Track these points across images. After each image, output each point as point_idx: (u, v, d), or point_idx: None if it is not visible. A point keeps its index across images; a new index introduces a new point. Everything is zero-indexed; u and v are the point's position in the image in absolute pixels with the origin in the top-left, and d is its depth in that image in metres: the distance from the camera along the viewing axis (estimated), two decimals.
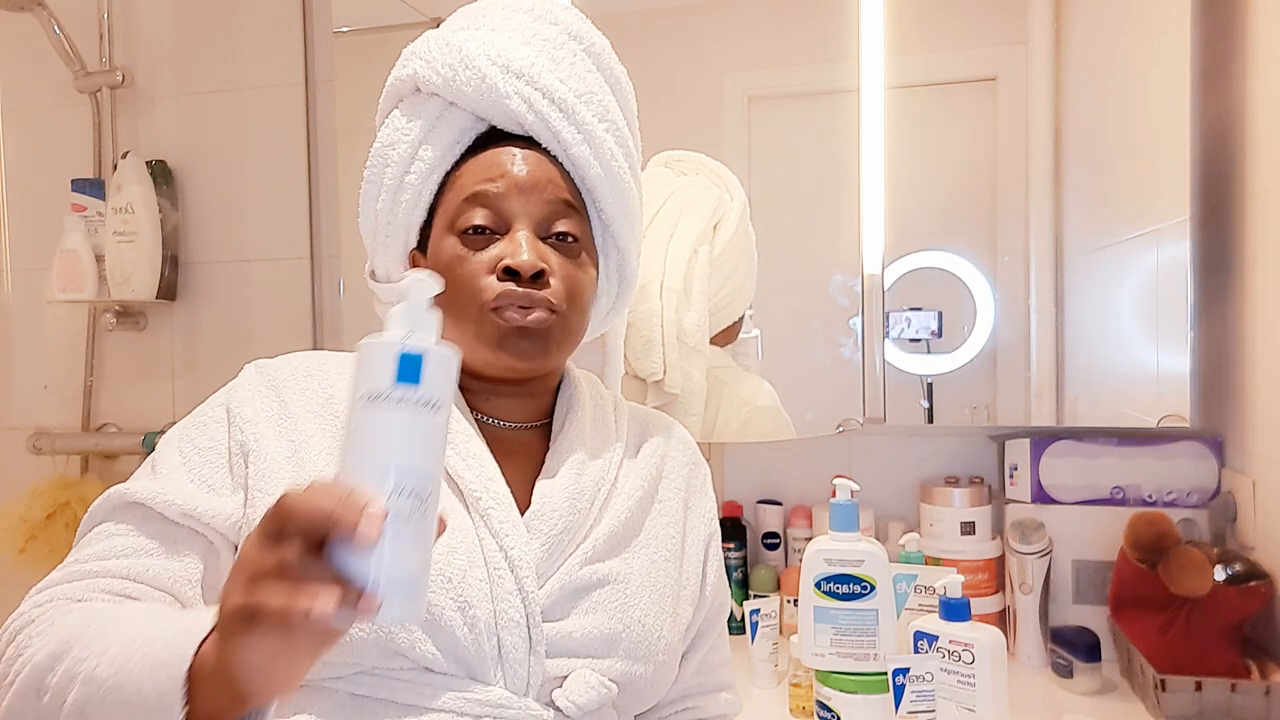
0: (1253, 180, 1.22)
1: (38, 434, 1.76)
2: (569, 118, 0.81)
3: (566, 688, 0.71)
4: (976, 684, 0.93)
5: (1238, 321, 1.25)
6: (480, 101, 0.80)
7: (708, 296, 1.38)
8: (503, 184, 0.78)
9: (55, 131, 1.80)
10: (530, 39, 0.83)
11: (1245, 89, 1.23)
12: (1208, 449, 1.28)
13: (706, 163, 1.44)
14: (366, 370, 0.50)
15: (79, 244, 1.69)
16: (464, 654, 0.68)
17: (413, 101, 0.84)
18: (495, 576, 0.70)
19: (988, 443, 1.42)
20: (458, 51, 0.80)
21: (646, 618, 0.76)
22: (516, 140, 0.81)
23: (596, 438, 0.83)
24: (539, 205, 0.78)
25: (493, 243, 0.77)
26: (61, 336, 1.80)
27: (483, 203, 0.77)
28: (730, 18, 1.48)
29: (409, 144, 0.82)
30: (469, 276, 0.76)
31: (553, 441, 0.82)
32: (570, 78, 0.82)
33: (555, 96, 0.80)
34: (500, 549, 0.71)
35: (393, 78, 0.86)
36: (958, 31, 1.41)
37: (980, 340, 1.38)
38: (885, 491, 1.43)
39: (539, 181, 0.79)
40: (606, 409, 0.87)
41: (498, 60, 0.80)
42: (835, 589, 1.01)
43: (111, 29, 1.75)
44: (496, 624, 0.69)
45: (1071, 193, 1.35)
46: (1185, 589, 1.09)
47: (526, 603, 0.70)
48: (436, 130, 0.82)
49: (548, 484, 0.77)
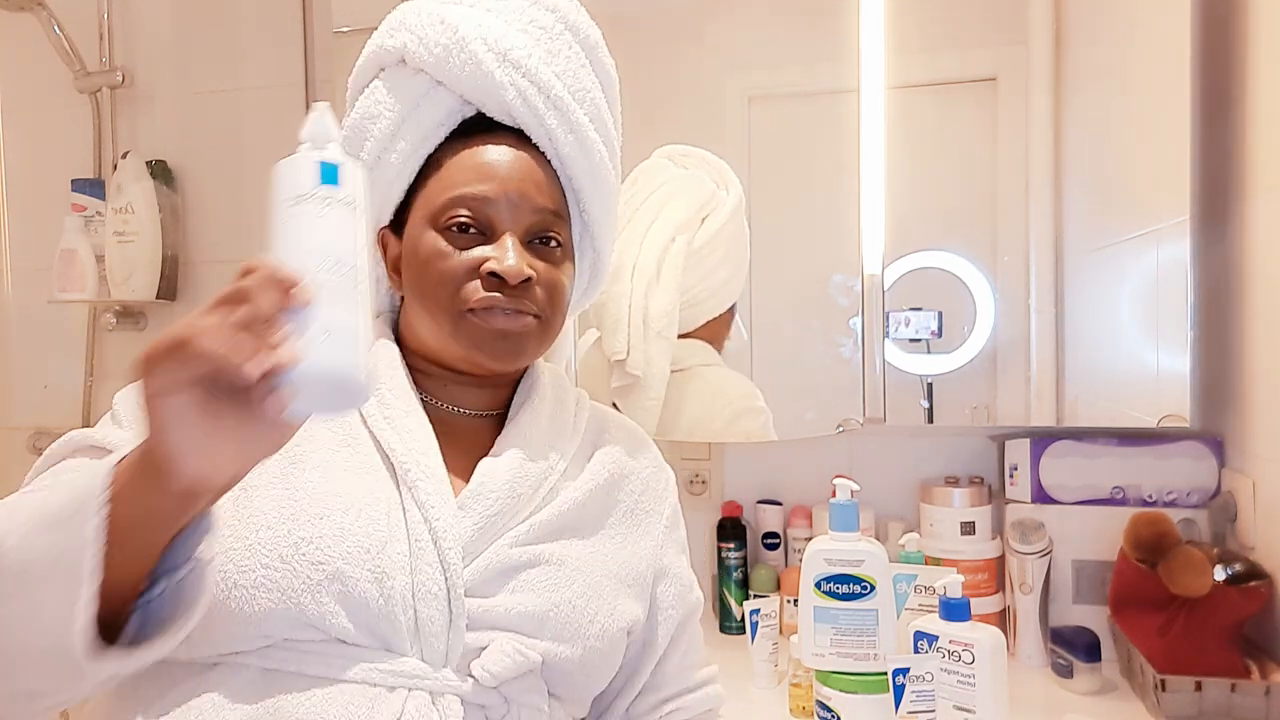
0: (1253, 180, 1.22)
1: (38, 434, 1.76)
2: (563, 117, 0.80)
3: (483, 657, 0.70)
4: (976, 684, 0.93)
5: (1238, 321, 1.25)
6: (472, 87, 0.78)
7: (681, 285, 1.39)
8: (492, 188, 0.76)
9: (55, 131, 1.80)
10: (527, 25, 0.81)
11: (1246, 89, 1.23)
12: (1208, 449, 1.28)
13: (708, 159, 1.44)
14: (288, 179, 0.52)
15: (79, 244, 1.69)
16: (377, 625, 0.67)
17: (396, 74, 0.81)
18: (416, 549, 0.69)
19: (988, 443, 1.42)
20: (453, 31, 0.78)
21: (579, 600, 0.75)
22: (503, 131, 0.80)
23: (552, 428, 0.82)
24: (528, 214, 0.78)
25: (476, 243, 0.76)
26: (61, 336, 1.80)
27: (470, 204, 0.76)
28: (730, 18, 1.47)
29: (391, 120, 0.79)
30: (450, 275, 0.75)
31: (504, 427, 0.81)
32: (565, 73, 0.81)
33: (551, 93, 0.79)
34: (425, 520, 0.70)
35: (376, 45, 0.83)
36: (958, 31, 1.41)
37: (980, 340, 1.38)
38: (885, 491, 1.43)
39: (527, 190, 0.78)
40: (567, 404, 0.86)
41: (494, 47, 0.78)
42: (835, 589, 1.01)
43: (111, 29, 1.75)
44: (414, 596, 0.68)
45: (1071, 193, 1.35)
46: (1185, 589, 1.09)
47: (448, 576, 0.69)
48: (421, 109, 0.80)
49: (490, 463, 0.76)
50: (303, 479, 0.69)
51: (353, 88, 0.85)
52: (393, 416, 0.75)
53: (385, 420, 0.75)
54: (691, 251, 1.40)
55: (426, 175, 0.80)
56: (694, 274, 1.40)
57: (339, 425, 0.74)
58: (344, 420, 0.75)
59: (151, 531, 0.55)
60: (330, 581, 0.66)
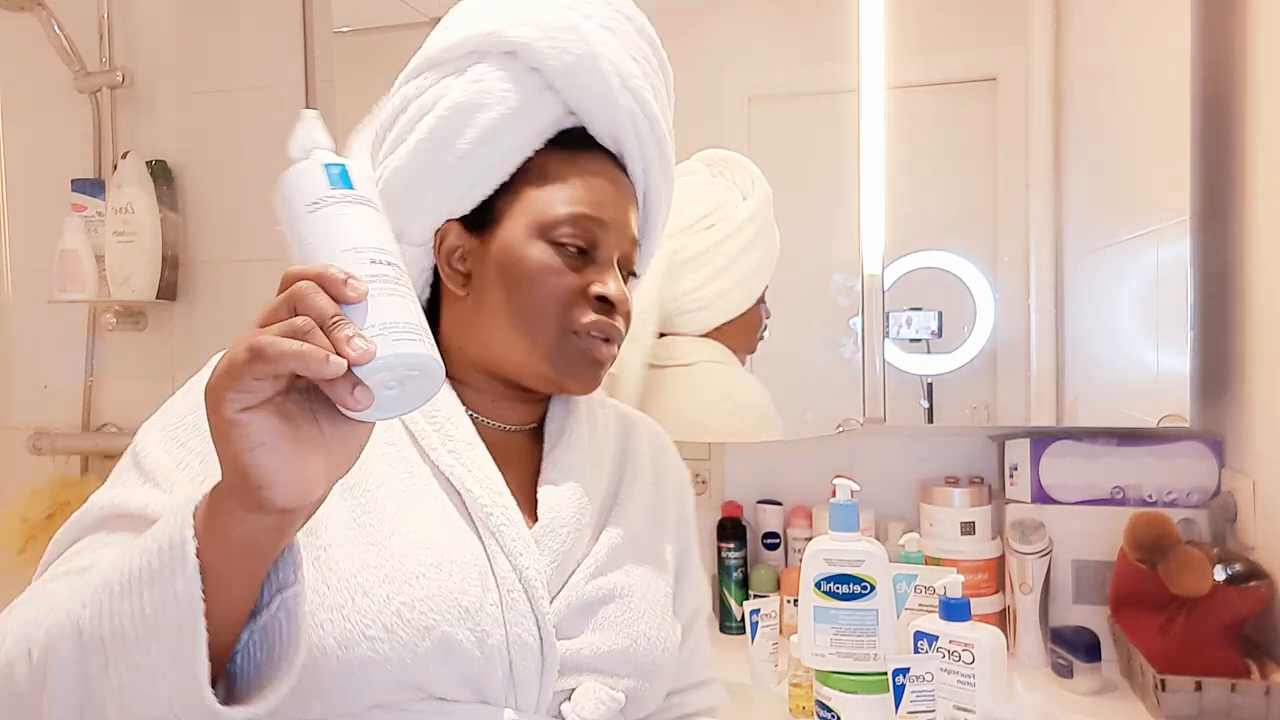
0: (1253, 180, 1.22)
1: (38, 434, 1.76)
2: (662, 152, 0.80)
3: (575, 701, 0.70)
4: (976, 684, 0.93)
5: (1238, 321, 1.25)
6: (593, 104, 0.75)
7: (659, 291, 1.39)
8: (609, 213, 0.76)
9: (55, 131, 1.80)
10: (636, 55, 0.79)
11: (1245, 89, 1.23)
12: (1208, 449, 1.28)
13: (744, 164, 1.42)
14: (297, 190, 0.52)
15: (79, 244, 1.69)
16: (477, 681, 0.66)
17: (508, 65, 0.75)
18: (509, 600, 0.68)
19: (988, 443, 1.42)
20: (584, 44, 0.74)
21: (651, 630, 0.75)
22: (600, 152, 0.78)
23: (594, 443, 0.81)
24: (627, 243, 0.78)
25: (583, 264, 0.75)
26: (61, 336, 1.80)
27: (585, 225, 0.74)
28: (730, 18, 1.48)
29: (502, 113, 0.74)
30: (561, 294, 0.74)
31: (551, 446, 0.79)
32: (664, 109, 0.81)
33: (658, 129, 0.79)
34: (513, 569, 0.69)
35: (486, 29, 0.75)
36: (958, 31, 1.41)
37: (980, 340, 1.38)
38: (885, 491, 1.43)
39: (630, 219, 0.78)
40: (596, 410, 0.85)
41: (618, 69, 0.76)
42: (835, 589, 1.01)
43: (111, 29, 1.75)
44: (509, 648, 0.67)
45: (1071, 193, 1.35)
46: (1185, 589, 1.09)
47: (541, 625, 0.68)
48: (531, 109, 0.75)
49: (553, 493, 0.75)
50: (384, 531, 0.67)
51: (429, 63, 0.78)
52: (457, 450, 0.72)
53: (450, 454, 0.72)
54: (684, 260, 1.40)
55: (524, 179, 0.76)
56: (690, 280, 1.40)
57: (395, 459, 0.72)
58: (399, 453, 0.72)
59: (248, 571, 0.52)
60: (437, 647, 0.64)
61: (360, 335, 0.47)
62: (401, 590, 0.64)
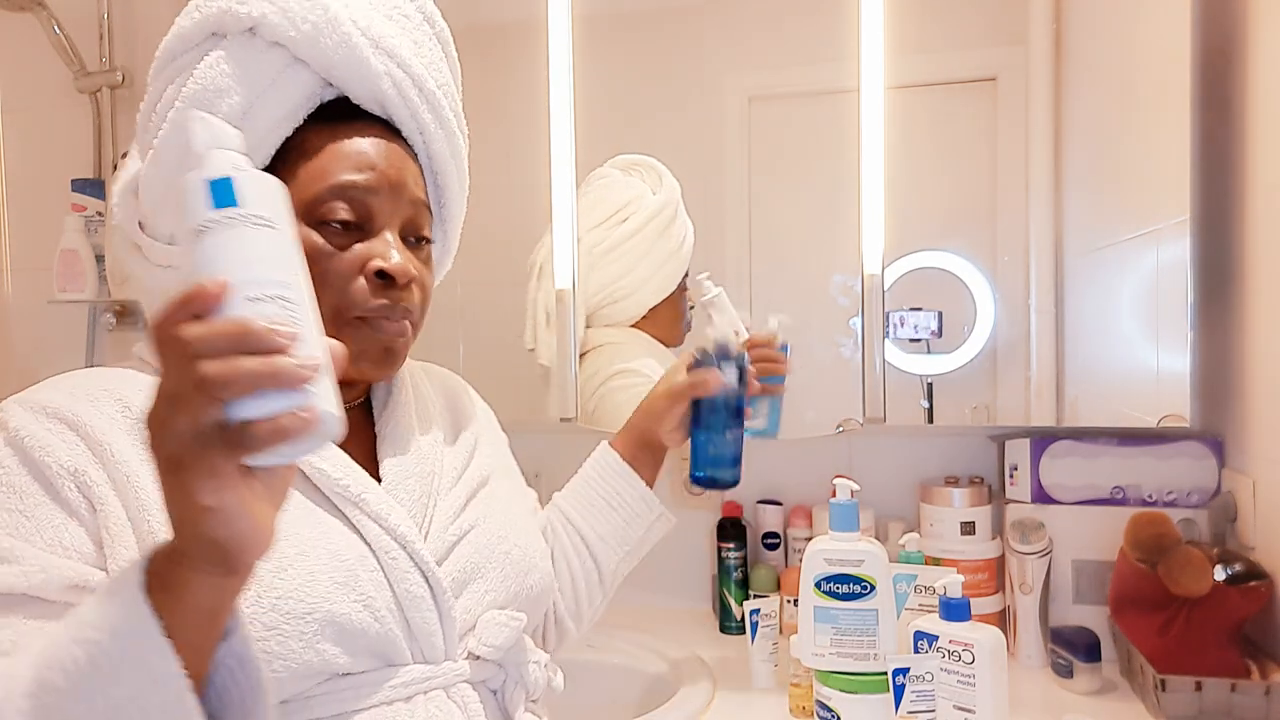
0: (1253, 180, 1.22)
1: None
2: (436, 112, 0.77)
3: (480, 635, 0.70)
4: (976, 684, 0.93)
5: (1238, 321, 1.25)
6: (344, 72, 0.72)
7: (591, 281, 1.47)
8: (373, 178, 0.72)
9: (55, 131, 1.80)
10: (391, 13, 0.76)
11: (1245, 88, 1.23)
12: (1208, 449, 1.28)
13: (653, 165, 1.48)
14: (184, 210, 0.48)
15: (79, 244, 1.69)
16: (375, 645, 0.67)
17: (244, 46, 0.71)
18: (388, 561, 0.69)
19: (988, 443, 1.42)
20: (322, 10, 0.71)
21: (520, 538, 0.81)
22: (368, 120, 0.75)
23: (419, 399, 0.84)
24: (406, 206, 0.75)
25: (356, 239, 0.72)
26: (61, 336, 1.80)
27: (349, 196, 0.71)
28: (730, 18, 1.48)
29: (243, 97, 0.70)
30: (333, 280, 0.71)
31: (379, 411, 0.81)
32: (431, 66, 0.78)
33: (424, 87, 0.76)
34: (385, 531, 0.69)
35: (216, 9, 0.72)
36: (958, 31, 1.41)
37: (980, 340, 1.38)
38: (885, 491, 1.43)
39: (405, 181, 0.74)
40: (415, 371, 0.89)
41: (366, 31, 0.73)
42: (835, 589, 1.01)
43: (111, 29, 1.75)
44: (400, 605, 0.68)
45: (1071, 193, 1.35)
46: (1185, 589, 1.09)
47: (428, 575, 0.70)
48: (278, 87, 0.71)
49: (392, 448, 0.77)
50: None
51: (171, 54, 0.74)
52: None
53: None
54: (603, 252, 1.46)
55: (285, 162, 0.72)
56: (611, 270, 1.46)
57: None
58: None
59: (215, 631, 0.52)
60: (325, 628, 0.64)
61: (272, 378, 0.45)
62: (272, 587, 0.63)
